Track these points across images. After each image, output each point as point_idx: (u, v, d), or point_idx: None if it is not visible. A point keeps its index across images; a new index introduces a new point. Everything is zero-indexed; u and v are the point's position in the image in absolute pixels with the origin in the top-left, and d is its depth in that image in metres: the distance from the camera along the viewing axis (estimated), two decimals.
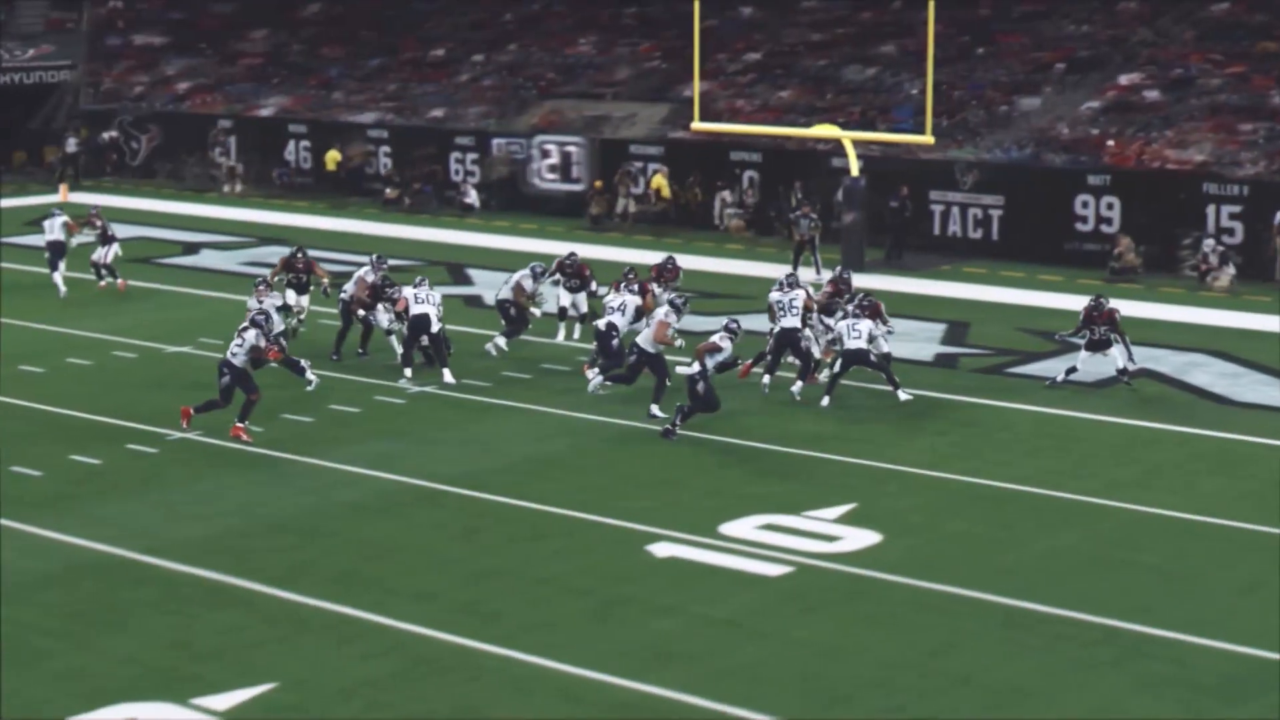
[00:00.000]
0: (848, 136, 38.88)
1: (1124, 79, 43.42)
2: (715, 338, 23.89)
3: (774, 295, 26.52)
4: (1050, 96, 43.86)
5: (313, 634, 16.49)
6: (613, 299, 26.97)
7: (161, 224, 44.28)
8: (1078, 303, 33.54)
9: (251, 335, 23.06)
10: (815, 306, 26.80)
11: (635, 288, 27.15)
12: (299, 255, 29.71)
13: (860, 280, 36.33)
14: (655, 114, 48.25)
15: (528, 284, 28.69)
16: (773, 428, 24.37)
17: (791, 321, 26.07)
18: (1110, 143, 40.56)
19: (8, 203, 47.79)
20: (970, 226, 40.43)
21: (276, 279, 29.44)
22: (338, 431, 23.96)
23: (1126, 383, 26.63)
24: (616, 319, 26.44)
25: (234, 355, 23.04)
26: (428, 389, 26.29)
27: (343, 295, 28.23)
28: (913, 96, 45.32)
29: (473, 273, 37.19)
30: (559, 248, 40.17)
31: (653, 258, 38.96)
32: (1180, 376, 27.84)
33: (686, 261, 38.33)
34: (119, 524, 19.69)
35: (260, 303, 26.13)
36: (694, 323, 29.19)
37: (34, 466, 21.98)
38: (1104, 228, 38.49)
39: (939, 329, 31.73)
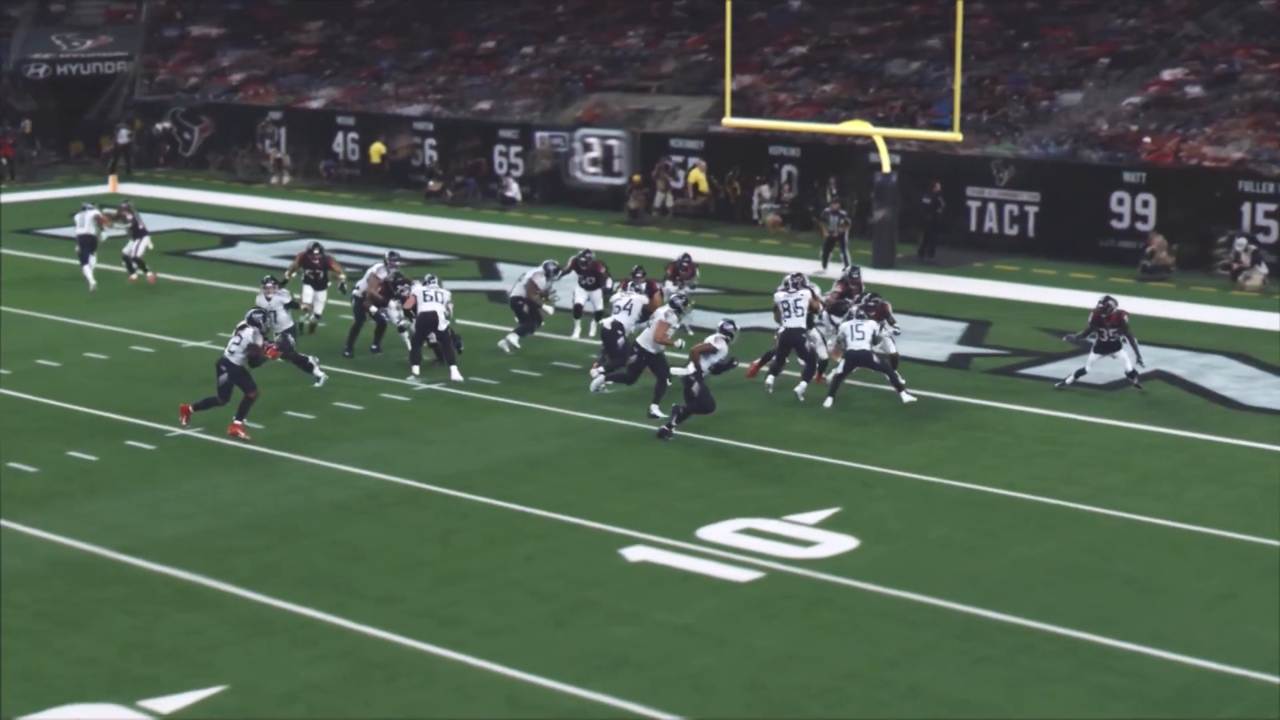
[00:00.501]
0: (879, 133, 38.79)
1: (1167, 74, 43.06)
2: (711, 339, 23.93)
3: (779, 295, 26.51)
4: (1093, 92, 43.55)
5: (272, 636, 16.69)
6: (620, 298, 27.07)
7: (204, 216, 44.82)
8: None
9: (249, 333, 23.29)
10: (822, 306, 26.78)
11: (643, 286, 27.22)
12: (315, 251, 29.95)
13: (891, 277, 36.43)
14: (699, 107, 48.26)
15: (541, 281, 28.81)
16: (771, 429, 24.38)
17: (796, 322, 26.06)
18: (1146, 139, 40.21)
19: (60, 193, 48.38)
20: (1006, 223, 40.24)
21: (293, 274, 29.77)
22: (337, 429, 24.17)
23: (1136, 385, 26.47)
24: (622, 318, 26.53)
25: (231, 353, 23.29)
26: (435, 386, 26.48)
27: (355, 292, 28.47)
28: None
29: (503, 267, 37.35)
30: (597, 242, 40.43)
31: (693, 254, 39.15)
32: (1193, 379, 27.64)
33: (721, 257, 38.64)
34: (102, 522, 19.98)
35: (268, 299, 26.36)
36: (715, 320, 29.20)
37: (31, 462, 22.32)
38: (1139, 225, 38.20)
39: (959, 328, 31.62)
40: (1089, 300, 33.01)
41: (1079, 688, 15.80)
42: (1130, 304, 33.23)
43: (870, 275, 36.39)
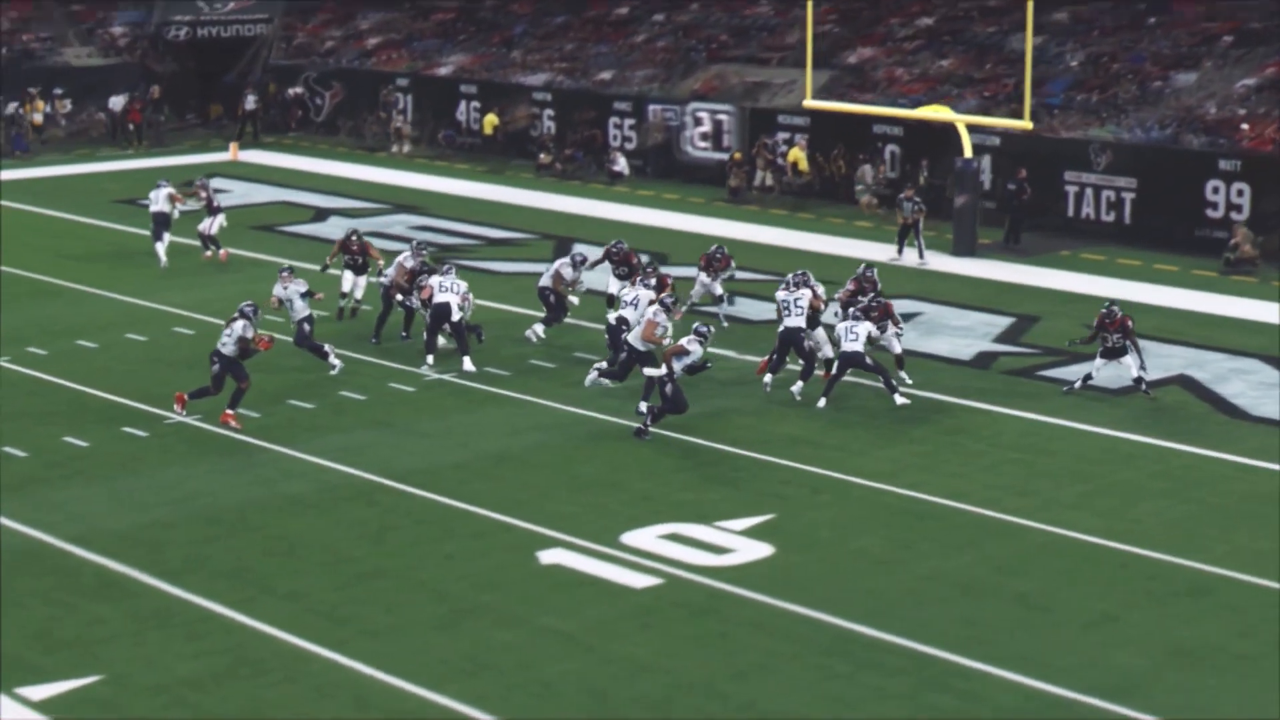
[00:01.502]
0: (959, 119, 38.75)
1: None
2: (684, 341, 24.47)
3: (780, 294, 26.85)
4: (1209, 72, 42.63)
5: (168, 630, 17.73)
6: (627, 293, 27.59)
7: (306, 187, 45.87)
8: (1178, 297, 33.21)
9: (239, 326, 24.33)
10: (823, 306, 27.10)
11: (652, 282, 27.74)
12: (353, 237, 30.94)
13: (968, 265, 36.32)
14: (816, 81, 48.16)
15: (567, 272, 29.48)
16: (756, 429, 24.80)
17: (795, 321, 26.40)
18: (1245, 126, 39.41)
19: (183, 160, 49.45)
20: (1103, 209, 39.65)
21: (333, 260, 30.87)
22: (332, 420, 25.10)
23: (1145, 392, 26.37)
24: (628, 313, 27.04)
25: (223, 345, 24.36)
26: (446, 376, 27.31)
27: (383, 280, 29.42)
28: (1071, 69, 44.68)
29: (583, 248, 37.75)
30: (696, 222, 40.96)
31: (783, 235, 39.45)
32: (1213, 385, 27.36)
33: (807, 240, 38.77)
34: (64, 510, 21.21)
35: (285, 288, 27.36)
36: (752, 309, 30.22)
37: (25, 447, 23.63)
38: (1233, 215, 37.34)
39: (1002, 323, 31.42)
40: (1165, 296, 33.02)
41: (909, 706, 16.24)
42: (1204, 298, 33.15)
43: (949, 263, 36.59)
